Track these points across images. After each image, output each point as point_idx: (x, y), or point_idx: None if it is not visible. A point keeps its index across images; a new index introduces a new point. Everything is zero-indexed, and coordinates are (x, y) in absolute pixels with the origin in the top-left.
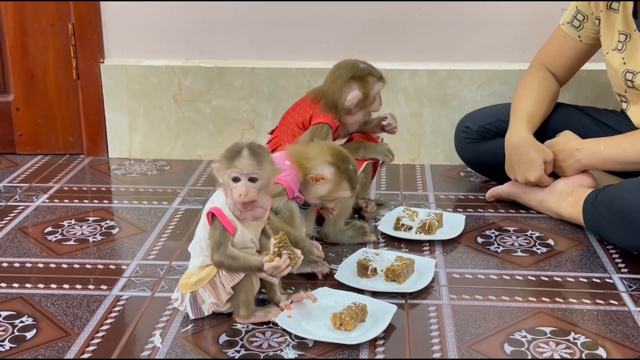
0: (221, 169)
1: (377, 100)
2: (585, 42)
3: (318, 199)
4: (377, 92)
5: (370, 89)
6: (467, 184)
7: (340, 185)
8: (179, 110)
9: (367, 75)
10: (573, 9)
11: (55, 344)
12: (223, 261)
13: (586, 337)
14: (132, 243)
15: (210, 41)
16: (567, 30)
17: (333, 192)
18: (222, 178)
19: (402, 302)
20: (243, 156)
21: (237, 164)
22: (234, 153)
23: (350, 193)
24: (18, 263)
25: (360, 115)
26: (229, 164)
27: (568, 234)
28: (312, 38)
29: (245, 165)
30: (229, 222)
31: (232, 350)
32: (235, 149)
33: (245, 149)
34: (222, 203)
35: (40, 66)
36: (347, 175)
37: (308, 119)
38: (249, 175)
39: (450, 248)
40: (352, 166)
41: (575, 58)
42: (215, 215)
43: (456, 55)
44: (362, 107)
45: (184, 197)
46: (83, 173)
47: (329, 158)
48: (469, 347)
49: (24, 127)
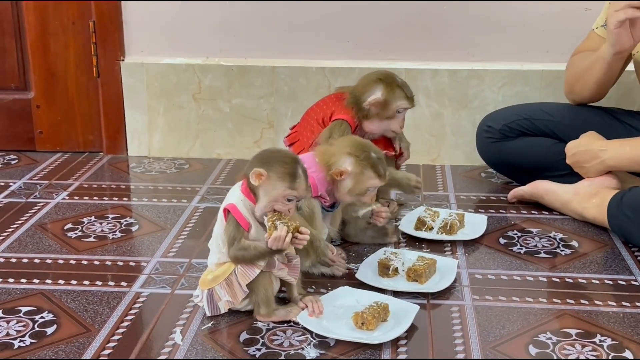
0: (274, 182)
1: (397, 119)
2: None
3: (349, 196)
4: (398, 108)
5: (393, 98)
6: (488, 184)
7: (364, 174)
8: (198, 109)
9: (396, 86)
10: (605, 11)
11: (75, 340)
12: (237, 254)
13: (612, 339)
14: (152, 240)
15: (230, 40)
16: (601, 33)
17: (360, 183)
18: (271, 189)
19: (424, 302)
20: (302, 179)
21: (298, 189)
22: (293, 173)
23: (379, 180)
24: (38, 259)
25: (377, 125)
26: (289, 184)
27: (592, 235)
28: (333, 37)
29: (304, 191)
30: (244, 219)
31: (252, 348)
32: (293, 167)
33: (301, 169)
34: (237, 200)
35: (61, 64)
36: (369, 162)
37: (329, 115)
38: (302, 198)
39: (472, 249)
40: (375, 153)
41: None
42: (230, 211)
43: (478, 55)
44: (380, 117)
45: (203, 195)
46: (102, 171)
47: (348, 149)
48: (493, 349)
49: (44, 125)
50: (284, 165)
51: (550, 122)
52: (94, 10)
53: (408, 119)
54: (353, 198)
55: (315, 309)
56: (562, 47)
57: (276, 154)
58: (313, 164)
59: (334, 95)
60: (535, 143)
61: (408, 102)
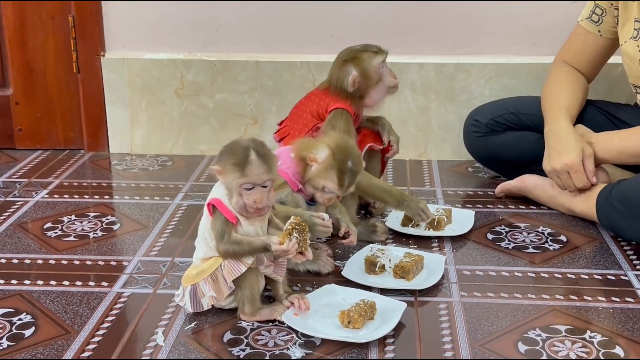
0: (227, 175)
1: (385, 74)
2: (606, 37)
3: (309, 185)
4: (378, 66)
5: (367, 65)
6: (475, 179)
7: (327, 173)
8: (181, 105)
9: (359, 53)
10: (591, 4)
11: (54, 342)
12: (228, 249)
13: (602, 335)
14: (134, 239)
15: (213, 34)
16: (586, 26)
17: (319, 177)
18: (229, 183)
19: (412, 300)
20: (254, 164)
21: (250, 175)
22: (242, 161)
23: (337, 187)
24: (17, 259)
25: (377, 93)
26: (239, 173)
27: (580, 230)
28: (317, 31)
29: (259, 176)
30: (230, 212)
31: (236, 348)
32: (242, 155)
33: (253, 154)
34: (222, 194)
35: (40, 59)
36: (338, 166)
37: (324, 107)
38: (262, 184)
39: (459, 244)
40: (352, 164)
41: (597, 54)
42: (215, 206)
43: (464, 48)
44: (371, 86)
45: (186, 192)
46: (83, 168)
47: (331, 142)
48: (481, 346)
49: (24, 122)
50: (232, 156)
51: (537, 117)
52: (73, 4)
53: (394, 113)
54: (312, 189)
55: (302, 305)
56: (549, 40)
57: (229, 145)
58: (288, 159)
59: (321, 90)
60: (522, 137)
61: (380, 55)
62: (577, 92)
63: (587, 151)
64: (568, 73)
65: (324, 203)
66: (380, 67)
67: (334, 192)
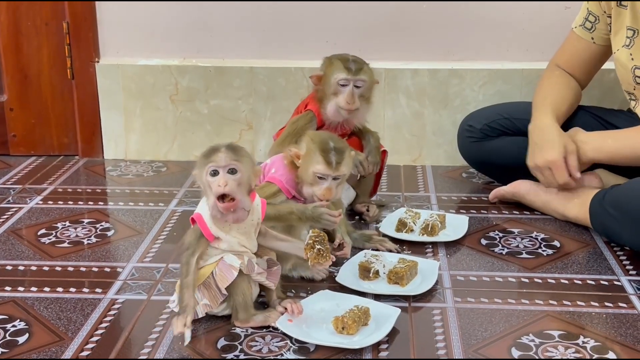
0: (199, 169)
1: (342, 92)
2: (599, 44)
3: (304, 184)
4: (337, 80)
5: (331, 72)
6: (469, 185)
7: (312, 157)
8: (175, 111)
9: (337, 59)
10: (584, 10)
11: (48, 349)
12: (181, 261)
13: (596, 340)
14: (128, 245)
15: (207, 40)
16: (580, 33)
17: (306, 166)
18: (202, 180)
19: (406, 305)
20: (220, 151)
21: (214, 158)
22: (210, 150)
23: (325, 166)
24: (10, 266)
25: (330, 106)
26: (206, 160)
27: (574, 235)
28: (312, 37)
29: (223, 158)
30: (208, 229)
31: (231, 354)
32: (212, 147)
33: (222, 146)
34: (204, 210)
35: (35, 66)
36: (320, 146)
37: (304, 106)
38: (227, 167)
39: (453, 250)
40: (334, 141)
41: (591, 60)
42: (195, 220)
43: (458, 54)
44: (326, 96)
45: (180, 198)
46: (78, 174)
47: (310, 136)
48: (475, 351)
49: (18, 128)
50: (202, 153)
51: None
52: (67, 10)
53: (388, 118)
54: (308, 189)
55: (295, 310)
56: (542, 46)
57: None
58: (281, 167)
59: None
60: (516, 142)
61: (345, 73)
62: (566, 93)
63: (569, 147)
64: (559, 76)
65: (323, 197)
66: (339, 84)
67: (325, 176)
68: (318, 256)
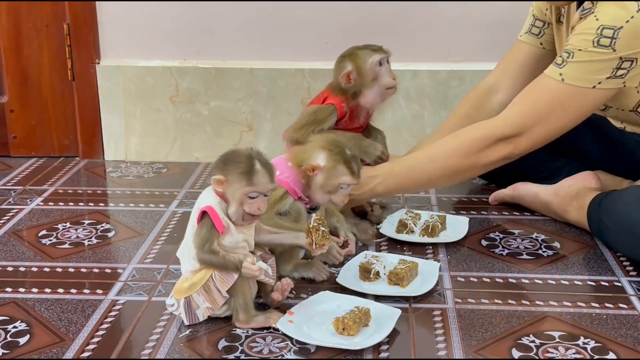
0: (233, 184)
1: (382, 74)
2: (548, 49)
3: (322, 193)
4: (374, 63)
5: (363, 61)
6: (469, 186)
7: (336, 169)
8: (176, 112)
9: (358, 50)
10: (530, 18)
11: (49, 350)
12: (205, 258)
13: (596, 341)
14: (129, 246)
15: (208, 41)
16: (526, 39)
17: (331, 179)
18: (233, 192)
19: (406, 306)
20: (260, 174)
21: (257, 184)
22: (248, 170)
23: (351, 177)
24: (11, 267)
25: (372, 93)
26: (246, 182)
27: (574, 236)
28: (312, 38)
29: (265, 185)
30: (220, 221)
31: (231, 355)
32: (247, 164)
33: (258, 164)
34: (214, 202)
35: (35, 67)
36: (342, 157)
37: (322, 101)
38: (266, 192)
39: (454, 251)
40: (350, 150)
41: (535, 66)
42: (207, 213)
43: (458, 55)
44: (365, 84)
45: (181, 199)
46: (78, 176)
47: (322, 144)
48: (475, 352)
49: (18, 129)
50: (238, 166)
51: None
52: (68, 11)
53: (388, 120)
54: (325, 196)
55: (284, 285)
56: None
57: (230, 155)
58: (286, 169)
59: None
60: None
61: (380, 54)
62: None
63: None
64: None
65: (343, 202)
66: (377, 66)
67: (350, 184)
68: (323, 238)
